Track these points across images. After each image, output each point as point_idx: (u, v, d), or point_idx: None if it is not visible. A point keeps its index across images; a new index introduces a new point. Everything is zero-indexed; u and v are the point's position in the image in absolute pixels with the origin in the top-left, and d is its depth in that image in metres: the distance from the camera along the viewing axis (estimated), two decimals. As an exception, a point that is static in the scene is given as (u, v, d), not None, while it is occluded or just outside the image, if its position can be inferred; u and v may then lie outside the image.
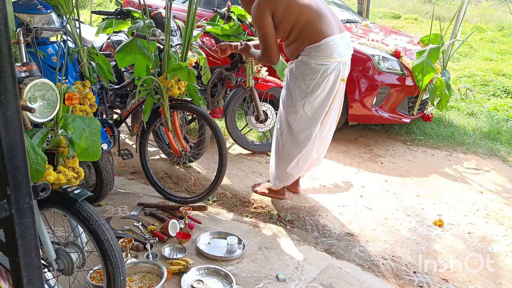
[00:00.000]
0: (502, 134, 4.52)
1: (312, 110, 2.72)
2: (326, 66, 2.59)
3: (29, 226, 0.92)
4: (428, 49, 4.17)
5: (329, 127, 2.90)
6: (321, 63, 2.59)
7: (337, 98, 2.77)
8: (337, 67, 2.62)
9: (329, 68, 2.60)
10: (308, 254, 2.52)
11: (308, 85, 2.65)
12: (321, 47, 2.56)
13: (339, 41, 2.60)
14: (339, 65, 2.63)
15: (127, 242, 2.35)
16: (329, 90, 2.67)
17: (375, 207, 3.12)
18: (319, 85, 2.63)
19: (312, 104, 2.70)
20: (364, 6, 6.55)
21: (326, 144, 3.02)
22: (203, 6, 5.16)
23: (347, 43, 2.69)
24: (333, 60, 2.60)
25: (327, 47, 2.56)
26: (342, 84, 2.74)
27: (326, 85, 2.65)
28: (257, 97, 3.69)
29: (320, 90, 2.65)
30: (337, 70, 2.63)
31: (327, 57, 2.58)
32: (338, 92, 2.74)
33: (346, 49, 2.67)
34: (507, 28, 11.05)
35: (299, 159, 2.88)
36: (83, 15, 8.22)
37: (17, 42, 1.95)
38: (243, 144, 3.89)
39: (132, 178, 3.44)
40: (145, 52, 2.72)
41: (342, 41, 2.62)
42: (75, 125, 1.84)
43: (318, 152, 3.02)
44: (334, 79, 2.64)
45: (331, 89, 2.67)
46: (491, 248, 2.70)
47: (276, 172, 2.98)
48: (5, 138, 0.85)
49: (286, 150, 2.86)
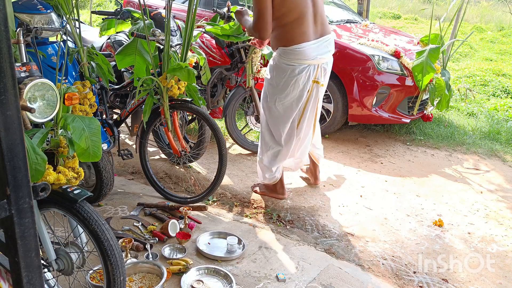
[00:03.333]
0: (502, 134, 4.52)
1: (283, 108, 2.81)
2: (293, 67, 2.69)
3: (29, 226, 0.92)
4: (428, 49, 4.17)
5: (306, 131, 2.94)
6: (289, 64, 2.69)
7: (311, 100, 2.82)
8: (305, 68, 2.69)
9: (297, 69, 2.68)
10: (308, 254, 2.52)
11: (278, 83, 2.76)
12: (289, 51, 2.66)
13: (310, 47, 2.66)
14: (309, 67, 2.70)
15: (127, 242, 2.35)
16: (300, 90, 2.74)
17: (375, 207, 3.12)
18: (288, 84, 2.73)
19: (283, 102, 2.79)
20: (364, 6, 6.55)
21: (303, 144, 3.03)
22: (203, 6, 5.16)
23: (323, 47, 2.72)
24: (301, 62, 2.68)
25: (295, 52, 2.65)
26: (316, 86, 2.78)
27: (295, 85, 2.72)
28: (257, 97, 3.69)
29: (289, 89, 2.74)
30: (306, 72, 2.69)
31: (295, 60, 2.67)
32: (311, 94, 2.79)
33: (320, 53, 2.71)
34: (507, 28, 11.05)
35: (275, 153, 2.97)
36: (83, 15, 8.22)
37: (17, 42, 1.95)
38: (243, 144, 3.89)
39: (132, 178, 3.44)
40: (144, 53, 2.72)
41: (314, 46, 2.67)
42: (75, 125, 1.84)
43: (298, 150, 3.06)
44: (304, 80, 2.71)
45: (302, 89, 2.74)
46: (491, 248, 2.70)
47: (259, 164, 3.10)
48: (5, 138, 0.85)
49: (264, 141, 3.01)
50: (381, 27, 5.38)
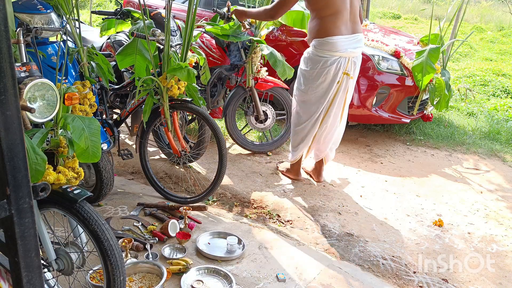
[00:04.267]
0: (502, 134, 4.52)
1: (315, 97, 3.06)
2: (325, 58, 2.93)
3: (29, 226, 0.92)
4: (428, 49, 4.17)
5: (333, 118, 3.14)
6: (322, 55, 2.94)
7: (340, 91, 3.03)
8: (337, 60, 2.92)
9: (329, 61, 2.92)
10: (308, 254, 2.52)
11: (311, 73, 3.01)
12: (323, 42, 2.91)
13: (341, 40, 2.89)
14: (340, 59, 2.92)
15: (127, 242, 2.35)
16: (330, 81, 2.98)
17: (375, 207, 3.12)
18: (320, 75, 2.97)
19: (315, 91, 3.04)
20: (364, 6, 6.55)
21: (329, 133, 3.22)
22: (203, 6, 5.16)
23: (354, 43, 2.96)
24: (333, 54, 2.91)
25: (328, 43, 2.89)
26: (346, 78, 2.99)
27: (327, 76, 2.96)
28: (257, 97, 3.69)
29: (321, 79, 2.98)
30: (337, 63, 2.92)
31: (327, 51, 2.91)
32: (341, 85, 3.01)
33: (351, 47, 2.93)
34: (507, 28, 11.05)
35: (302, 138, 3.23)
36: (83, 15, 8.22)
37: (17, 42, 1.95)
38: (243, 144, 3.89)
39: (132, 178, 3.44)
40: (145, 53, 2.72)
41: (346, 40, 2.91)
42: (74, 125, 1.83)
43: (324, 138, 3.24)
44: (335, 71, 2.94)
45: (332, 80, 2.97)
46: (491, 248, 2.70)
47: (291, 145, 3.37)
48: (5, 138, 0.85)
49: (294, 127, 3.27)
50: (381, 27, 5.38)
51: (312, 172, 3.48)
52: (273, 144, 3.89)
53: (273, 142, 3.90)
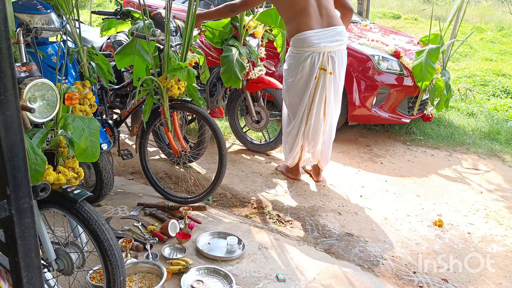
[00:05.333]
0: (502, 134, 4.52)
1: (296, 94, 3.11)
2: (299, 55, 2.98)
3: (29, 226, 0.92)
4: (427, 49, 4.16)
5: (316, 117, 3.11)
6: (297, 52, 3.00)
7: (319, 87, 3.02)
8: (310, 55, 2.95)
9: (302, 56, 2.97)
10: (308, 254, 2.52)
11: (289, 70, 3.08)
12: (295, 40, 2.98)
13: (312, 35, 2.92)
14: (313, 54, 2.95)
15: (127, 242, 2.35)
16: (307, 76, 3.01)
17: (375, 207, 3.12)
18: (297, 71, 3.03)
19: (295, 88, 3.09)
20: (364, 6, 6.55)
21: (315, 131, 3.17)
22: (203, 6, 5.16)
23: (329, 37, 2.95)
24: (305, 50, 2.95)
25: (298, 40, 2.96)
26: (323, 73, 2.99)
27: (303, 72, 3.00)
28: (249, 98, 3.70)
29: (299, 76, 3.03)
30: (311, 58, 2.95)
31: (300, 48, 2.97)
32: (319, 81, 3.01)
33: (325, 42, 2.94)
34: (507, 28, 11.05)
35: (294, 138, 3.24)
36: (83, 15, 8.22)
37: (17, 42, 1.95)
38: (242, 142, 3.94)
39: (132, 178, 3.43)
40: (143, 53, 2.72)
41: (316, 34, 2.93)
42: (75, 125, 1.84)
43: (313, 141, 3.21)
44: (310, 66, 2.97)
45: (310, 75, 3.00)
46: (491, 248, 2.70)
47: (286, 149, 3.38)
48: (5, 138, 0.85)
49: (286, 129, 3.30)
50: (381, 27, 5.38)
51: (312, 172, 3.49)
52: (269, 145, 3.88)
53: (270, 142, 3.89)
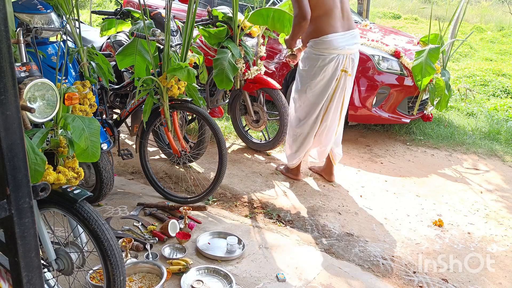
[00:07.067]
0: (502, 134, 4.52)
1: (313, 95, 3.07)
2: (324, 56, 2.96)
3: (29, 226, 0.91)
4: (428, 49, 4.16)
5: (332, 118, 3.14)
6: (319, 54, 2.96)
7: (339, 88, 3.04)
8: (335, 57, 2.95)
9: (327, 58, 2.95)
10: (308, 254, 2.52)
11: (309, 72, 3.03)
12: (319, 41, 2.94)
13: (337, 37, 2.93)
14: (338, 56, 2.95)
15: (127, 242, 2.35)
16: (329, 78, 2.99)
17: (375, 207, 3.12)
18: (318, 73, 3.00)
19: (314, 89, 3.05)
20: (364, 6, 6.55)
21: (329, 130, 3.21)
22: (203, 6, 5.16)
23: (350, 39, 2.98)
24: (330, 52, 2.94)
25: (324, 42, 2.93)
26: (344, 75, 3.01)
27: (325, 73, 2.98)
28: (247, 98, 3.71)
29: (320, 77, 3.00)
30: (335, 61, 2.95)
31: (325, 49, 2.94)
32: (339, 83, 3.02)
33: (347, 44, 2.96)
34: (507, 28, 11.04)
35: (302, 140, 3.23)
36: (83, 15, 8.22)
37: (17, 42, 1.95)
38: (246, 141, 3.98)
39: (132, 178, 3.43)
40: (144, 53, 2.72)
41: (342, 37, 2.94)
42: (75, 125, 1.84)
43: (324, 136, 3.23)
44: (333, 68, 2.97)
45: (331, 77, 2.99)
46: (491, 248, 2.70)
47: (287, 150, 3.39)
48: (5, 138, 0.85)
49: (292, 130, 3.27)
50: (381, 27, 5.38)
51: (323, 172, 3.50)
52: (269, 144, 3.87)
53: (270, 141, 3.89)
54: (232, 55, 3.40)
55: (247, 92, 3.70)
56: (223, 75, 3.34)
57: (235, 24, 3.48)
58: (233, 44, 3.46)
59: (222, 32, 3.47)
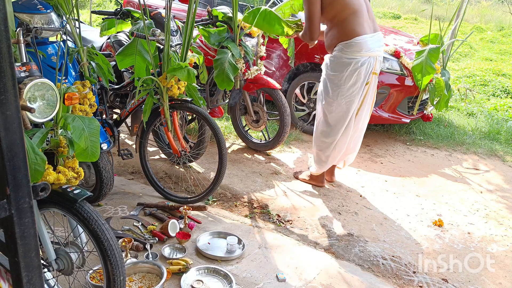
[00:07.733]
0: (502, 134, 4.52)
1: (345, 101, 2.95)
2: (356, 60, 2.84)
3: (28, 226, 0.91)
4: (428, 49, 4.16)
5: (364, 118, 3.10)
6: (352, 57, 2.84)
7: (370, 90, 2.98)
8: (367, 60, 2.85)
9: (359, 62, 2.84)
10: (308, 254, 2.52)
11: (341, 77, 2.90)
12: (351, 44, 2.82)
13: (368, 39, 2.84)
14: (369, 59, 2.86)
15: (127, 242, 2.35)
16: (361, 82, 2.90)
17: (375, 207, 3.12)
18: (351, 77, 2.87)
19: (345, 95, 2.93)
20: (364, 6, 6.54)
21: (360, 134, 3.19)
22: (203, 6, 5.16)
23: (378, 41, 2.92)
24: (363, 54, 2.84)
25: (356, 44, 2.81)
26: (374, 77, 2.96)
27: (358, 78, 2.87)
28: (247, 98, 3.70)
29: (352, 82, 2.88)
30: (367, 64, 2.86)
31: (357, 52, 2.83)
32: (370, 85, 2.96)
33: (376, 46, 2.89)
34: (507, 28, 11.05)
35: (334, 147, 3.12)
36: (83, 15, 8.22)
37: (17, 42, 1.95)
38: (245, 141, 3.98)
39: (132, 178, 3.43)
40: (144, 54, 2.72)
41: (371, 39, 2.86)
42: (74, 125, 1.83)
43: (353, 141, 3.20)
44: (366, 71, 2.88)
45: (363, 81, 2.90)
46: (491, 248, 2.70)
47: (315, 158, 3.26)
48: (5, 138, 0.84)
49: (322, 139, 3.12)
50: (380, 27, 5.37)
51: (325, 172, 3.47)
52: (269, 144, 3.87)
53: (269, 141, 3.89)
54: (232, 55, 3.39)
55: (247, 92, 3.70)
56: (224, 76, 3.34)
57: (235, 24, 3.48)
58: (233, 44, 3.46)
59: (222, 32, 3.47)
